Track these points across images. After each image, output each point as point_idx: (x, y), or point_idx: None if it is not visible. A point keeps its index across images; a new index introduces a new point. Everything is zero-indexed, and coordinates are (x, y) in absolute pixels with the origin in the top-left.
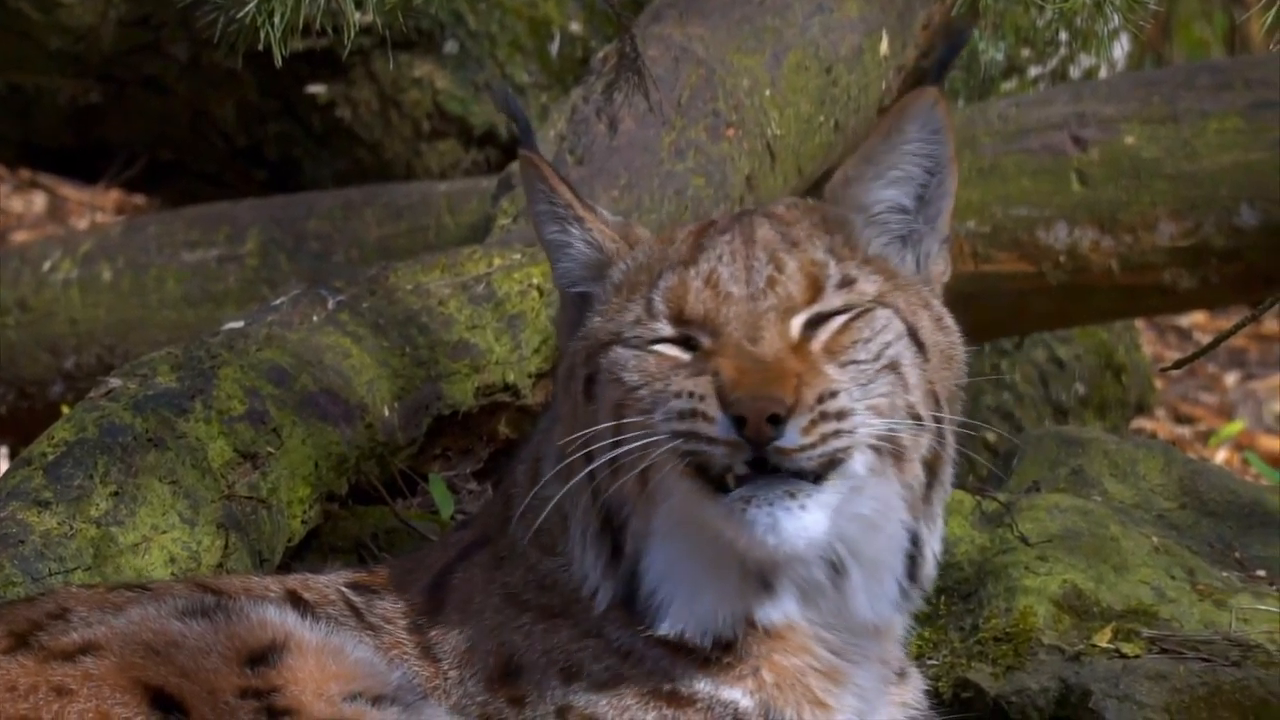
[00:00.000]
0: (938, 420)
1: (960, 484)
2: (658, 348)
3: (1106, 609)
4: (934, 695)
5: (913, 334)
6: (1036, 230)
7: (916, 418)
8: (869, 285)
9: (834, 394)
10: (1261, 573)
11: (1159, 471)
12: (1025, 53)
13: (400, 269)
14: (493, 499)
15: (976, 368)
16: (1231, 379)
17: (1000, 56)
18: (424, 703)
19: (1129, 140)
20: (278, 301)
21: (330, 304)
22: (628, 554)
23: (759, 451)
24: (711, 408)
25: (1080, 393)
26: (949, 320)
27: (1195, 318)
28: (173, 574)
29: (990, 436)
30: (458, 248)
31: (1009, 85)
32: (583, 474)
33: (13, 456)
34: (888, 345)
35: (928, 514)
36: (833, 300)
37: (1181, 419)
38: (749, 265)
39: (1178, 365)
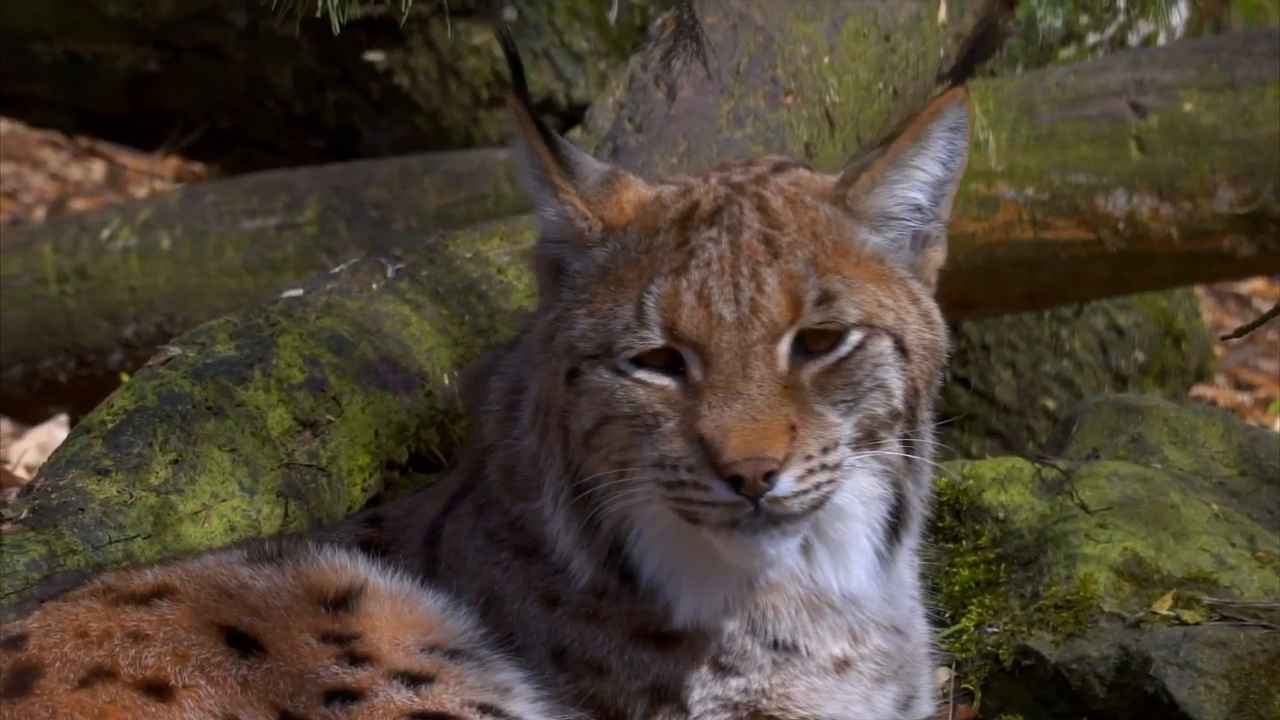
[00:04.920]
0: (913, 407)
1: (1020, 451)
2: (645, 375)
3: (1167, 576)
4: (995, 662)
5: (899, 344)
6: (1095, 197)
7: (896, 416)
8: (849, 304)
9: (836, 444)
10: None
11: (1219, 438)
12: (1084, 19)
13: (459, 237)
14: (472, 434)
15: (1036, 334)
16: None
17: (1059, 23)
18: (495, 657)
19: (1187, 107)
20: (337, 269)
21: (389, 272)
22: (605, 533)
23: (755, 504)
24: (705, 477)
25: (1140, 360)
26: (935, 313)
27: (1254, 284)
28: (232, 543)
29: (1050, 404)
30: (516, 215)
31: (1067, 52)
32: (557, 441)
33: (72, 424)
34: (877, 370)
35: (911, 475)
36: (811, 317)
37: (1241, 386)
38: (735, 282)
39: (1238, 333)
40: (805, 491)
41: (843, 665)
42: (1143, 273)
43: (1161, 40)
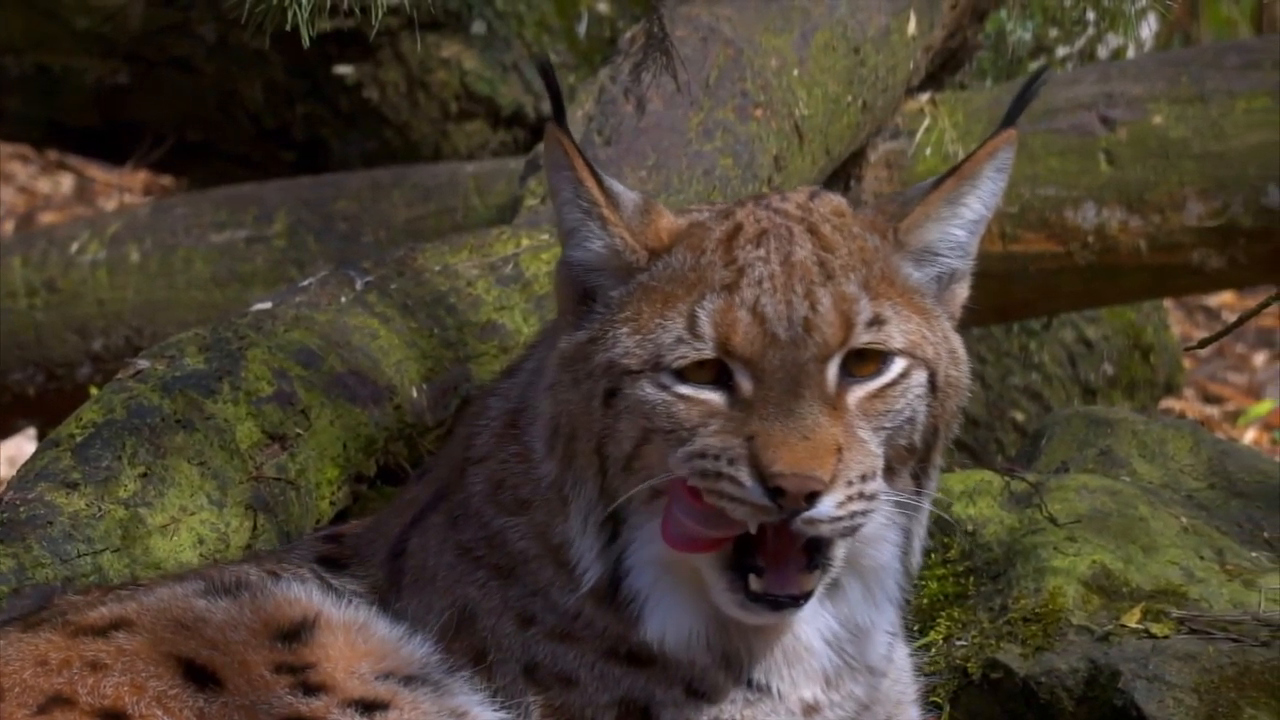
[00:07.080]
0: (929, 446)
1: (989, 464)
2: (688, 390)
3: (1135, 589)
4: (963, 675)
5: (932, 380)
6: (1064, 210)
7: (912, 450)
8: (897, 330)
9: (874, 473)
10: None
11: (1187, 451)
12: (1053, 32)
13: (428, 250)
14: (451, 445)
15: (1005, 348)
16: (1260, 359)
17: (1028, 36)
18: (452, 680)
19: (1157, 120)
20: (305, 282)
21: (358, 285)
22: (620, 540)
23: (788, 518)
24: (742, 474)
25: (1109, 373)
26: (962, 351)
27: (1224, 297)
28: (201, 556)
29: (1019, 417)
30: (486, 228)
31: (1036, 65)
32: (590, 466)
33: (41, 438)
34: (914, 401)
35: (916, 517)
36: (861, 337)
37: (1210, 399)
38: (789, 300)
39: (1203, 344)
40: (840, 519)
41: (811, 710)
42: (1112, 285)
43: (1131, 53)
